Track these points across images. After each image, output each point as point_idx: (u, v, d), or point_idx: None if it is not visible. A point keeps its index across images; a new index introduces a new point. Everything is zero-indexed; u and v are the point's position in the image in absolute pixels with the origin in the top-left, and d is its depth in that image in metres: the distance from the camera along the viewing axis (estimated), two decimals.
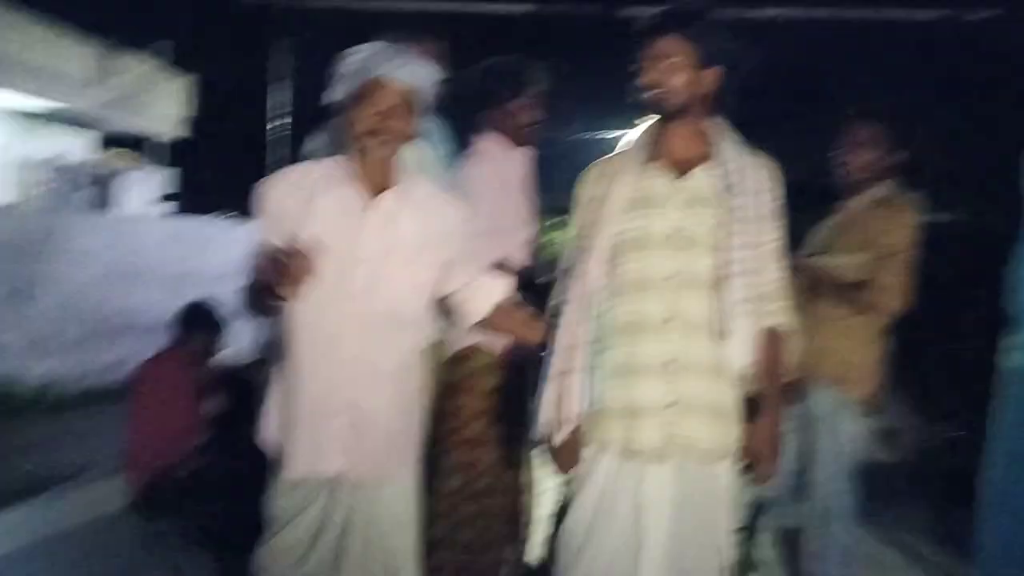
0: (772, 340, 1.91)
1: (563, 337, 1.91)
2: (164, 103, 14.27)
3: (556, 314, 1.95)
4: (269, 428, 1.95)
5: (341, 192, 1.90)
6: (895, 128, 2.59)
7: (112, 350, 7.67)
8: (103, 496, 3.67)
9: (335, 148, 2.31)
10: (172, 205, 11.78)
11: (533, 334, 2.07)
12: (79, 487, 3.75)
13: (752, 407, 1.93)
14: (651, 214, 1.89)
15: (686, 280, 1.87)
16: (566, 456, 1.93)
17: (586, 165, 2.05)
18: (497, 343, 2.69)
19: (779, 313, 1.93)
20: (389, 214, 1.91)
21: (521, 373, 2.82)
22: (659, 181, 1.91)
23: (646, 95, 1.89)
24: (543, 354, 2.80)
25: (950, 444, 3.90)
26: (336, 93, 1.92)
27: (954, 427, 3.89)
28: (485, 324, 2.07)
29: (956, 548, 2.86)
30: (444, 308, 2.09)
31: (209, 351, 3.92)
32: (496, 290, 2.06)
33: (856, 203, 2.64)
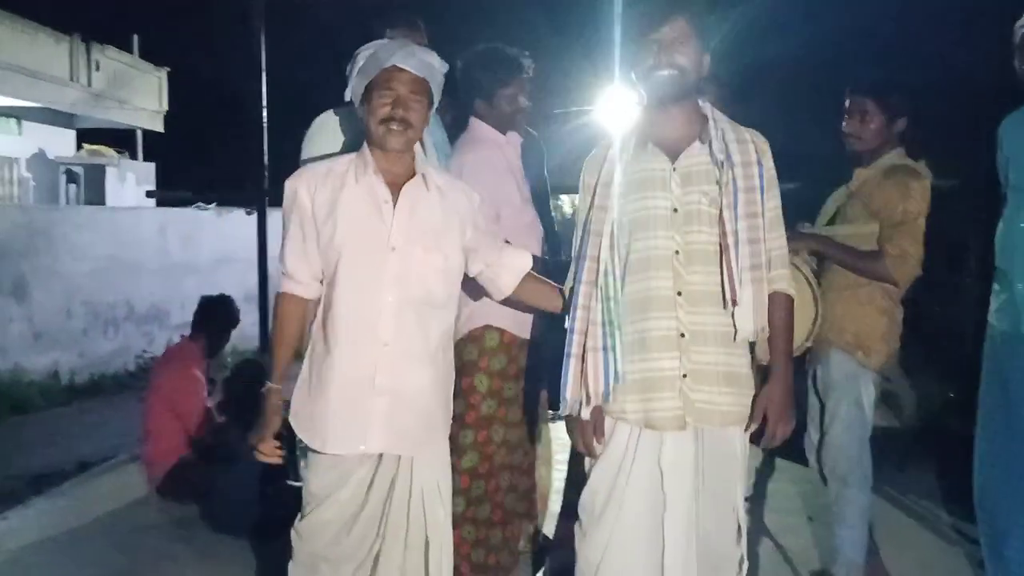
0: (780, 305, 1.99)
1: (579, 318, 1.98)
2: (142, 97, 14.12)
3: (572, 296, 2.03)
4: (296, 408, 2.00)
5: (366, 185, 1.97)
6: (895, 97, 2.65)
7: (115, 339, 7.71)
8: (124, 484, 3.70)
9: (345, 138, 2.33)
10: (156, 198, 11.67)
11: (554, 304, 2.19)
12: (99, 476, 3.80)
13: (764, 372, 2.00)
14: (651, 195, 1.97)
15: (691, 254, 1.94)
16: (591, 431, 2.01)
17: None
18: (511, 322, 2.71)
19: (782, 279, 2.00)
20: (413, 204, 1.99)
21: (532, 352, 2.86)
22: (656, 163, 1.98)
23: (658, 75, 1.94)
24: (554, 332, 2.87)
25: (952, 406, 3.97)
26: (355, 87, 1.99)
27: (955, 389, 3.96)
28: (510, 298, 2.19)
29: (962, 509, 2.92)
30: (471, 287, 2.19)
31: (220, 344, 3.99)
32: (520, 265, 2.17)
33: (866, 172, 2.69)
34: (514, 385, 2.80)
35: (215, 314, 3.94)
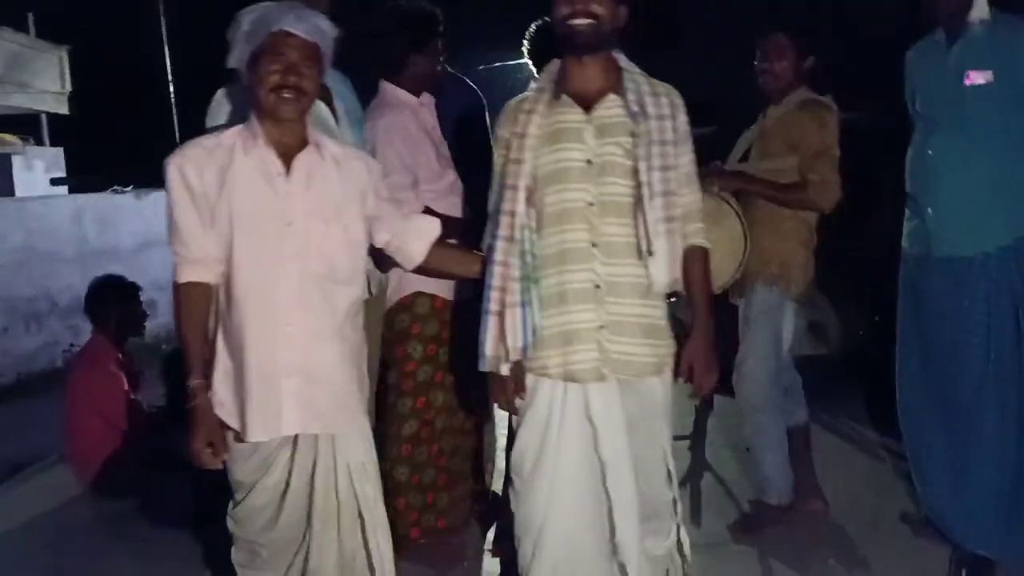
0: (697, 259, 2.02)
1: (497, 274, 1.96)
2: (43, 79, 13.39)
3: (488, 252, 2.00)
4: (220, 397, 1.91)
5: (256, 158, 1.87)
6: (805, 37, 2.75)
7: (39, 335, 7.41)
8: (55, 484, 3.59)
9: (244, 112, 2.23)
10: (68, 184, 11.16)
11: (471, 269, 2.12)
12: (28, 477, 3.68)
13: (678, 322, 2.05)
14: (566, 147, 1.95)
15: (605, 206, 1.94)
16: (511, 387, 2.02)
17: None
18: (441, 287, 2.69)
19: (698, 234, 2.03)
20: (309, 175, 1.90)
21: (464, 314, 2.85)
22: (570, 114, 1.97)
23: (573, 24, 1.91)
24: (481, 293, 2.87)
25: (877, 330, 4.13)
26: (239, 54, 1.87)
27: (879, 314, 4.10)
28: (423, 267, 2.12)
29: (889, 428, 3.05)
30: (381, 258, 2.11)
31: (131, 324, 3.77)
32: (428, 232, 2.10)
33: (779, 109, 2.77)
34: (449, 349, 2.80)
35: (106, 300, 3.70)
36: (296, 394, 1.88)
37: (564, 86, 1.98)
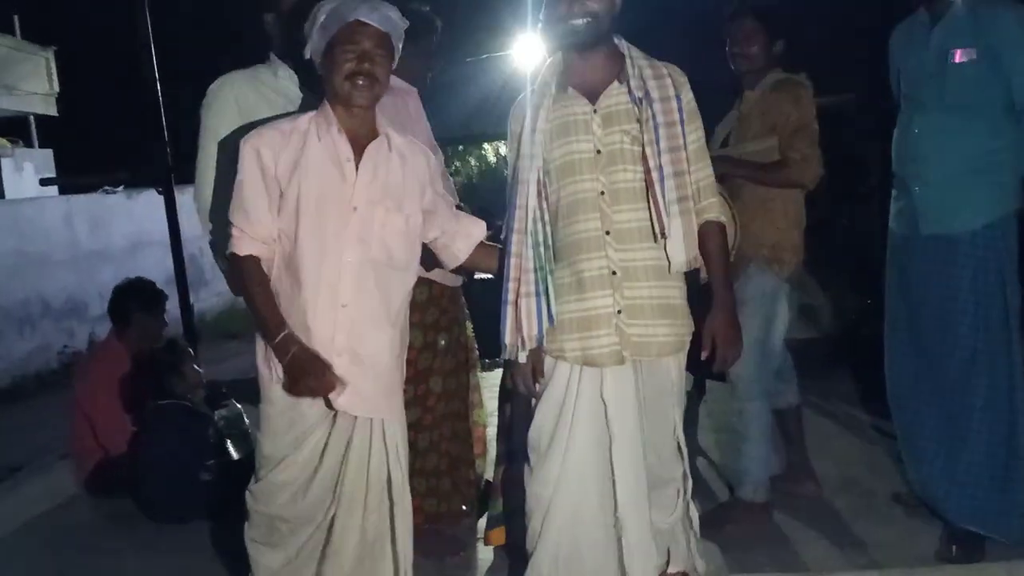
0: (713, 234, 2.06)
1: (513, 266, 2.02)
2: (31, 81, 13.32)
3: (505, 244, 2.06)
4: (267, 370, 1.97)
5: (329, 143, 1.95)
6: (774, 19, 2.75)
7: (33, 338, 7.39)
8: (53, 485, 3.59)
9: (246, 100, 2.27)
10: (58, 185, 11.11)
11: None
12: (25, 478, 3.65)
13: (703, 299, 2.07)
14: (575, 139, 2.00)
15: (616, 194, 1.99)
16: (530, 374, 2.07)
17: None
18: (439, 273, 2.71)
19: (712, 209, 2.07)
20: (375, 164, 1.98)
21: (459, 303, 2.88)
22: (577, 106, 2.01)
23: (572, 24, 1.95)
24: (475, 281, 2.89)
25: (869, 313, 4.15)
26: (315, 45, 1.95)
27: (871, 296, 4.13)
28: (465, 265, 2.21)
29: (880, 408, 3.06)
30: (427, 250, 2.19)
31: (149, 334, 3.70)
32: (475, 232, 2.19)
33: (755, 94, 2.78)
34: (447, 335, 2.82)
35: (128, 305, 3.65)
36: (344, 373, 1.93)
37: (569, 78, 2.03)
